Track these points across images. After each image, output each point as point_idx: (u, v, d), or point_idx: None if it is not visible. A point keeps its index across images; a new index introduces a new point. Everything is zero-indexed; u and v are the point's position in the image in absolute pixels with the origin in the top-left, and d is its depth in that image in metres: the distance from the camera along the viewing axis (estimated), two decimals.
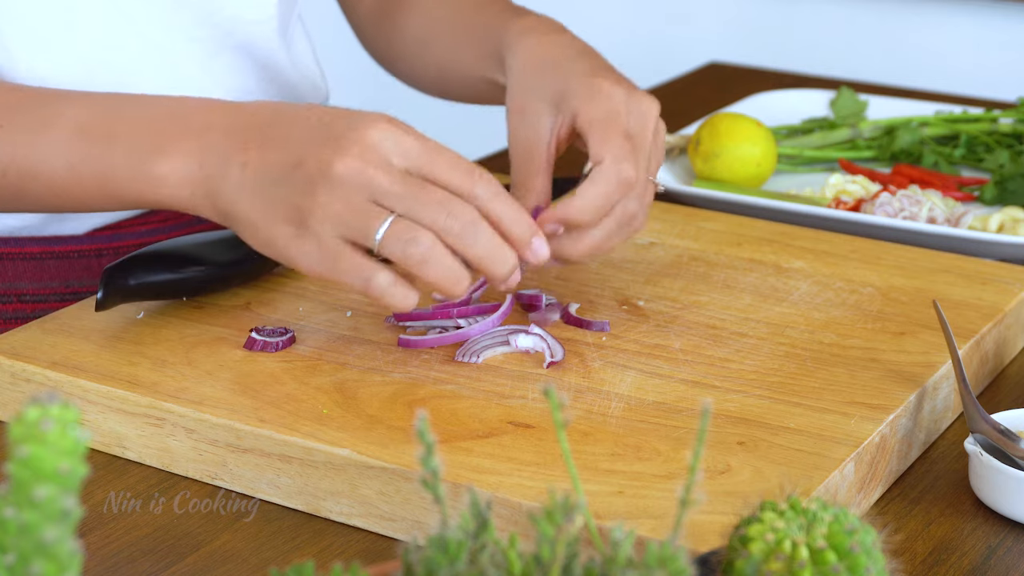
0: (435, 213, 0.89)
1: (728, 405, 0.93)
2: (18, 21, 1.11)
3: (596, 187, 0.99)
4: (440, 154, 0.91)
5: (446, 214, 0.89)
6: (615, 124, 1.01)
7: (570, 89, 1.04)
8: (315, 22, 1.47)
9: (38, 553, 0.53)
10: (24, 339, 1.00)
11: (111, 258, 1.19)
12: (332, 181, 0.89)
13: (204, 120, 0.94)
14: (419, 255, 0.89)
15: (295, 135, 0.91)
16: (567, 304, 1.06)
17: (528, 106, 1.05)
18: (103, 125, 0.96)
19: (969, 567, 0.85)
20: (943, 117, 1.51)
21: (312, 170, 0.89)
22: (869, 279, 1.12)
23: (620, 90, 1.03)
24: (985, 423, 0.91)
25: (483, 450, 0.87)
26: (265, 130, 0.92)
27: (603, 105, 1.02)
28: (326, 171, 0.89)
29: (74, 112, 0.97)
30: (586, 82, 1.03)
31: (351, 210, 0.89)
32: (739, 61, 2.16)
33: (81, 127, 0.97)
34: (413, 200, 0.89)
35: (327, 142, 0.90)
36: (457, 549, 0.58)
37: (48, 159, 0.97)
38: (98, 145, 0.96)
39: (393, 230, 0.88)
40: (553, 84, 1.05)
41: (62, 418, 0.52)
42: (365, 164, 0.89)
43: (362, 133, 0.90)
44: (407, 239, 0.88)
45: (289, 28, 1.27)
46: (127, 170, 0.95)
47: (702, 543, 0.76)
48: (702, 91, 1.80)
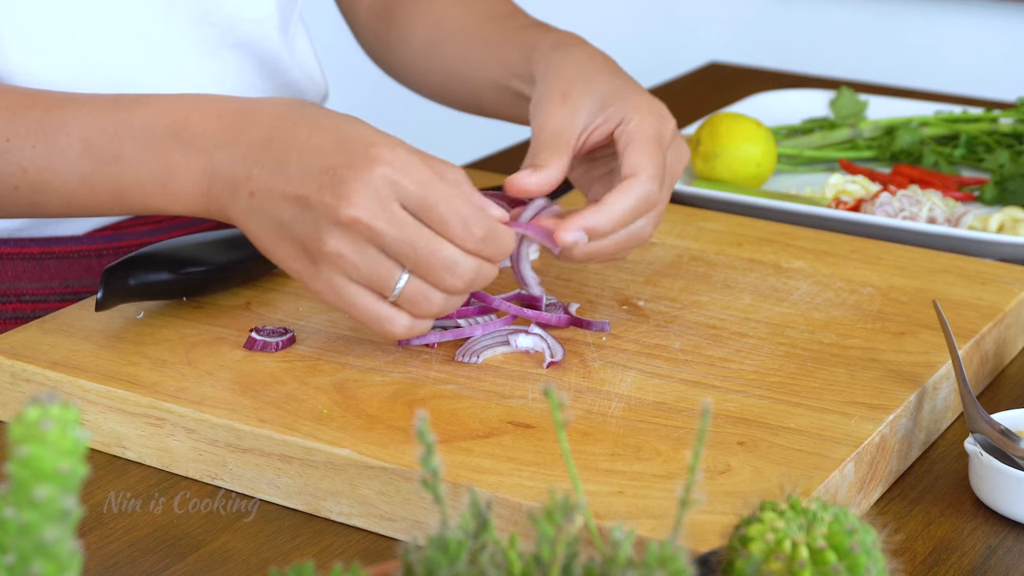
0: (440, 275, 0.92)
1: (728, 405, 0.93)
2: (15, 21, 1.10)
3: (626, 199, 0.99)
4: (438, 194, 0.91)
5: (451, 275, 0.92)
6: (659, 145, 1.02)
7: (627, 96, 1.04)
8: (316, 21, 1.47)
9: (38, 553, 0.53)
10: (24, 339, 1.00)
11: (111, 258, 1.19)
12: (337, 231, 0.90)
13: (209, 137, 0.95)
14: (433, 311, 0.93)
15: (295, 161, 0.91)
16: (567, 304, 1.06)
17: (573, 92, 1.04)
18: (108, 140, 0.97)
19: (969, 567, 0.85)
20: (943, 117, 1.51)
21: (318, 215, 0.90)
22: (869, 279, 1.12)
23: (671, 122, 1.04)
24: (985, 423, 0.91)
25: (483, 450, 0.87)
26: (265, 149, 0.93)
27: (654, 124, 1.02)
28: (332, 219, 0.90)
29: (77, 123, 0.98)
30: (645, 97, 1.04)
31: (363, 262, 0.91)
32: (739, 61, 2.16)
33: (86, 142, 0.97)
34: (419, 259, 0.91)
35: (331, 186, 0.90)
36: (457, 549, 0.58)
37: (60, 174, 0.98)
38: (107, 163, 0.97)
39: (410, 290, 0.92)
40: (606, 85, 1.05)
41: (62, 418, 0.52)
42: (368, 216, 0.89)
43: (362, 176, 0.90)
44: (423, 299, 0.92)
45: (290, 26, 1.27)
46: (140, 188, 0.97)
47: (702, 543, 0.76)
48: (702, 91, 1.80)
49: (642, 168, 1.00)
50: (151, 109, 0.97)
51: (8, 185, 0.99)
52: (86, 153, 0.97)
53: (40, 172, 0.98)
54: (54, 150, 0.98)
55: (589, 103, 1.04)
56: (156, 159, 0.96)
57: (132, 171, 0.96)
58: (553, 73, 1.07)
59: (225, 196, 0.94)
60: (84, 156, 0.97)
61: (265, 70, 1.24)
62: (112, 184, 0.97)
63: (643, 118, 1.02)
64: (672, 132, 1.04)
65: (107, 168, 0.97)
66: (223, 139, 0.94)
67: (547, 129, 1.03)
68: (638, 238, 1.01)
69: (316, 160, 0.91)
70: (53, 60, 1.12)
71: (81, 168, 0.98)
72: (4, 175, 0.99)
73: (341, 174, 0.90)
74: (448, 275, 0.91)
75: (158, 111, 0.97)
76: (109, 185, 0.97)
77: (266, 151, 0.93)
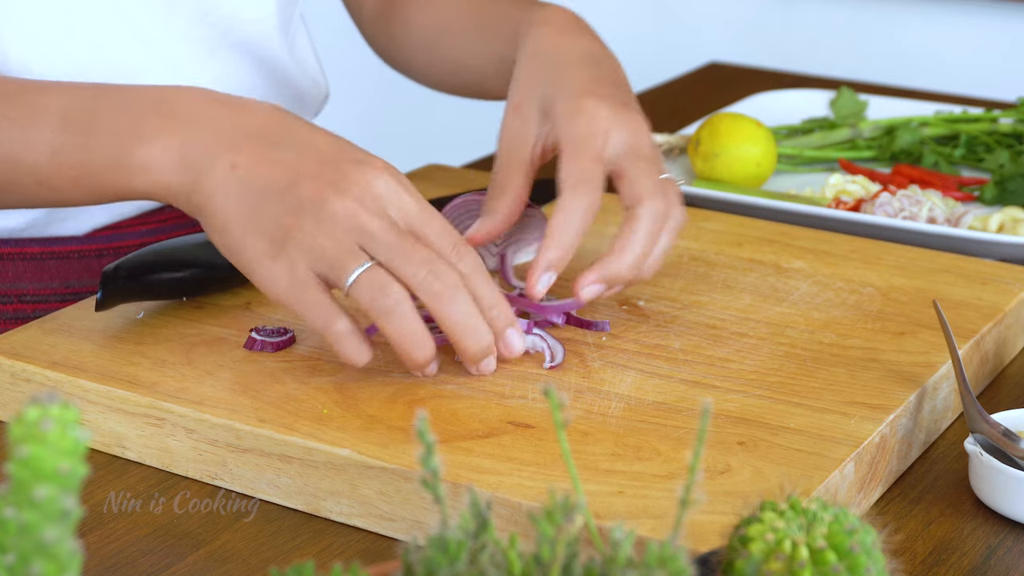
0: (417, 268, 0.89)
1: (728, 405, 0.93)
2: (14, 22, 1.10)
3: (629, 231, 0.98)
4: (434, 218, 0.91)
5: (428, 271, 0.89)
6: (588, 146, 1.00)
7: (558, 103, 1.02)
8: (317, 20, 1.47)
9: (38, 553, 0.53)
10: (24, 339, 1.00)
11: (111, 258, 1.19)
12: (323, 215, 0.89)
13: (193, 113, 0.93)
14: (386, 306, 0.88)
15: (294, 158, 0.91)
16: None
17: (524, 105, 1.04)
18: (86, 114, 0.95)
19: (969, 567, 0.85)
20: (943, 117, 1.51)
21: (305, 197, 0.89)
22: (869, 279, 1.12)
23: (605, 111, 1.01)
24: (985, 423, 0.91)
25: (483, 450, 0.87)
26: (262, 140, 0.92)
27: (582, 125, 1.01)
28: (320, 203, 0.89)
29: (59, 101, 0.96)
30: (572, 101, 1.02)
31: (334, 246, 0.89)
32: (739, 61, 2.16)
33: (64, 116, 0.96)
34: (399, 252, 0.89)
35: (329, 177, 0.90)
36: (457, 549, 0.58)
37: (32, 148, 0.96)
38: (80, 134, 0.95)
39: (367, 276, 0.88)
40: (547, 91, 1.04)
41: (62, 418, 0.52)
42: (361, 208, 0.89)
43: (367, 179, 0.90)
44: (378, 287, 0.88)
45: (291, 25, 1.27)
46: (106, 160, 0.94)
47: (702, 543, 0.76)
48: (702, 91, 1.80)
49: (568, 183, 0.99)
50: (139, 87, 0.96)
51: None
52: (61, 127, 0.96)
53: (13, 146, 0.97)
54: (32, 126, 0.96)
55: (535, 114, 1.03)
56: (129, 128, 0.94)
57: (104, 142, 0.94)
58: (517, 72, 1.07)
59: (199, 166, 0.91)
60: (58, 130, 0.96)
61: (265, 70, 1.24)
62: (79, 158, 0.95)
63: (569, 123, 1.01)
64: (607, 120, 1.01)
65: (78, 139, 0.95)
66: (208, 117, 0.93)
67: (505, 141, 1.03)
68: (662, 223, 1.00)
69: (315, 153, 0.91)
70: (52, 61, 1.12)
71: (53, 141, 0.96)
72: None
73: (344, 168, 0.90)
74: (423, 270, 0.89)
75: (144, 90, 0.96)
76: (76, 160, 0.95)
77: (262, 142, 0.92)
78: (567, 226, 0.98)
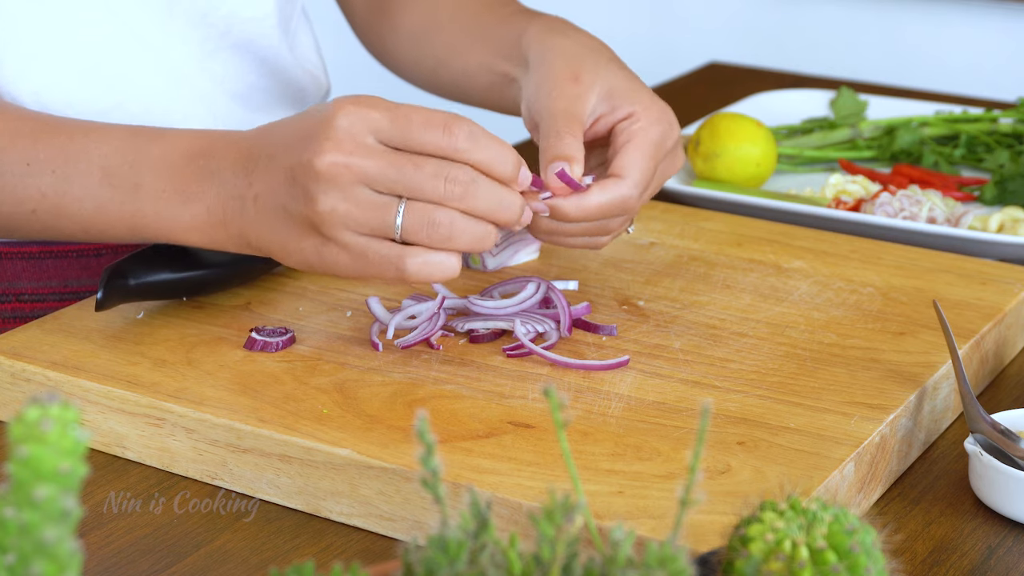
0: (434, 185, 0.89)
1: (728, 405, 0.93)
2: (11, 28, 1.10)
3: (602, 197, 0.98)
4: (410, 119, 0.91)
5: (444, 182, 0.90)
6: (656, 153, 1.01)
7: (637, 93, 1.03)
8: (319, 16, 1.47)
9: (38, 553, 0.53)
10: (24, 339, 1.00)
11: (110, 257, 1.19)
12: (321, 182, 0.90)
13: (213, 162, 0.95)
14: (443, 235, 0.90)
15: (278, 150, 0.93)
16: (572, 304, 1.06)
17: (584, 75, 1.04)
18: (127, 167, 0.97)
19: (969, 567, 0.85)
20: (943, 117, 1.51)
21: (300, 178, 0.91)
22: (869, 279, 1.12)
23: (676, 131, 1.04)
24: (985, 423, 0.91)
25: (483, 450, 0.87)
26: (255, 154, 0.94)
27: (661, 131, 1.02)
28: (311, 174, 0.90)
29: (98, 150, 0.99)
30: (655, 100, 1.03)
31: (358, 207, 0.90)
32: (739, 61, 2.16)
33: (105, 169, 0.98)
34: (409, 180, 0.89)
35: (302, 144, 0.91)
36: (457, 549, 0.58)
37: (78, 200, 0.99)
38: (124, 191, 0.97)
39: (410, 219, 0.90)
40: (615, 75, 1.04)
41: (62, 418, 0.53)
42: (344, 155, 0.89)
43: (329, 124, 0.90)
44: (427, 223, 0.90)
45: (292, 23, 1.27)
46: (155, 216, 0.97)
47: (702, 543, 0.76)
48: (702, 91, 1.80)
49: (630, 172, 1.00)
50: (170, 139, 0.98)
51: (26, 209, 1.00)
52: (105, 181, 0.98)
53: (59, 197, 0.99)
54: (73, 177, 0.99)
55: (599, 88, 1.03)
56: (172, 188, 0.96)
57: (150, 202, 0.97)
58: (555, 54, 1.06)
59: (237, 214, 0.94)
60: (103, 185, 0.98)
61: (265, 69, 1.24)
62: (129, 213, 0.98)
63: (651, 122, 1.02)
64: (674, 142, 1.04)
65: (125, 197, 0.97)
66: (224, 156, 0.95)
67: (558, 109, 1.02)
68: (602, 231, 1.01)
69: (291, 136, 0.92)
70: (50, 66, 1.12)
71: (99, 196, 0.98)
72: (23, 199, 1.00)
73: (311, 131, 0.91)
74: (441, 183, 0.89)
75: (178, 142, 0.98)
76: (127, 214, 0.98)
77: (256, 155, 0.94)
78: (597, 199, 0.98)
